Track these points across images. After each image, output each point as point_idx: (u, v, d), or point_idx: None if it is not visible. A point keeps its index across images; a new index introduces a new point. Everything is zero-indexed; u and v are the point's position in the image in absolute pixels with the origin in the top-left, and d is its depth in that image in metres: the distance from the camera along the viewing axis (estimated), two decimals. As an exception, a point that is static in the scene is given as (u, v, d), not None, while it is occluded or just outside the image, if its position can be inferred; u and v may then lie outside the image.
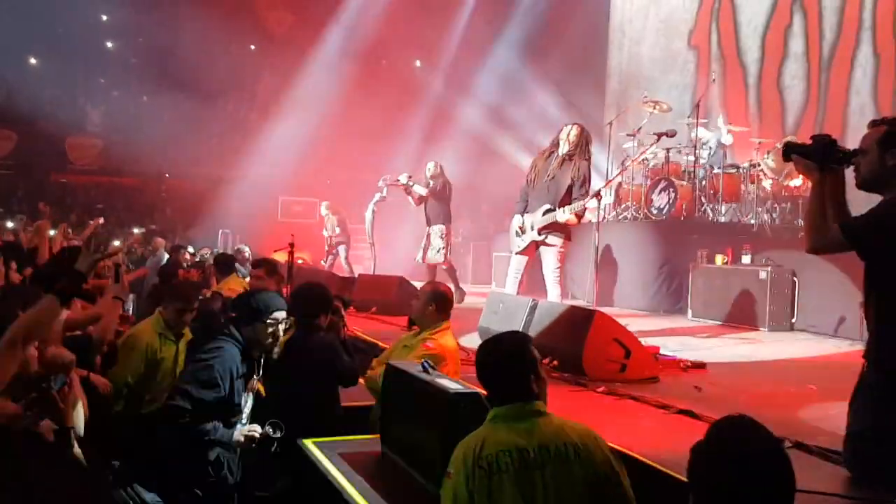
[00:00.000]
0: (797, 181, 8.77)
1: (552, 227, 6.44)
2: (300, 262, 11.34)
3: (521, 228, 6.65)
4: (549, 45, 14.59)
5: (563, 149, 6.56)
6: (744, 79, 10.82)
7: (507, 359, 2.53)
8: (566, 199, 6.41)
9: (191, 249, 10.77)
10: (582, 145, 6.55)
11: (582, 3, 14.44)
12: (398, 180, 9.73)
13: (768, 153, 8.73)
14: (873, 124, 2.69)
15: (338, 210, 12.88)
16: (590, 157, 6.65)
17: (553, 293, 6.57)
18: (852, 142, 8.66)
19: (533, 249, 6.61)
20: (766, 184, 8.75)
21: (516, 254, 6.76)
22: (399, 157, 13.72)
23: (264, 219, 14.64)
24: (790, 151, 2.79)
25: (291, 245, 6.91)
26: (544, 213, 6.42)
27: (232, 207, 14.41)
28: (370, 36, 16.12)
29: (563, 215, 6.32)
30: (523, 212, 6.66)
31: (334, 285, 8.49)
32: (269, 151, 15.77)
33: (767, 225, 8.49)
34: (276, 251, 8.29)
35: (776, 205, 8.64)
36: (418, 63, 17.95)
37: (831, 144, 2.72)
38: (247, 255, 9.86)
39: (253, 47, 19.11)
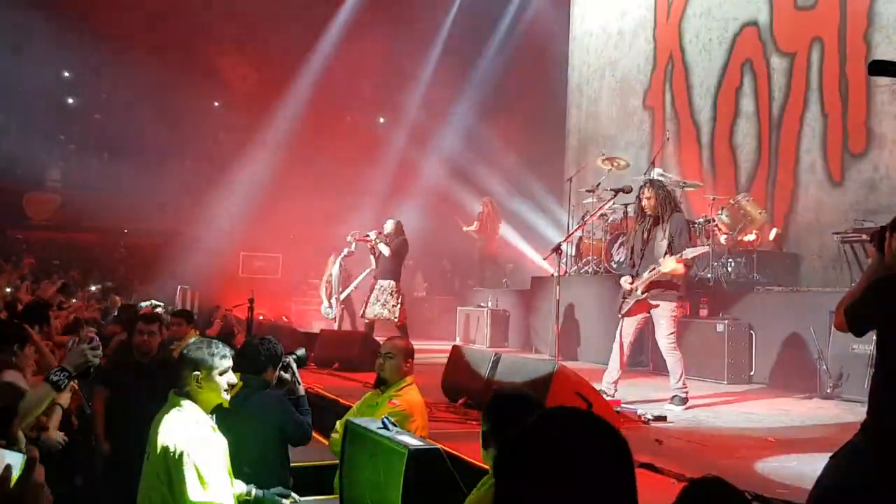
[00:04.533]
0: (751, 236, 8.98)
1: (659, 286, 6.07)
2: (260, 317, 11.20)
3: (627, 291, 6.26)
4: (509, 103, 14.91)
5: (649, 210, 6.30)
6: (697, 137, 11.14)
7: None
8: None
9: (149, 303, 10.36)
10: (664, 202, 6.27)
11: (541, 64, 14.83)
12: (367, 236, 9.78)
13: (722, 209, 8.95)
14: None
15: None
16: (679, 209, 6.43)
17: (670, 360, 6.13)
18: (803, 199, 8.87)
19: (638, 310, 6.19)
20: (722, 238, 8.95)
21: (622, 316, 6.34)
22: (362, 213, 13.76)
23: (225, 274, 14.48)
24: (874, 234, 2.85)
25: (251, 300, 6.84)
26: (649, 272, 6.09)
27: (192, 263, 14.25)
28: (334, 93, 16.31)
29: (669, 264, 5.96)
30: (633, 277, 6.29)
31: (296, 341, 8.40)
32: (231, 207, 15.70)
33: (724, 279, 8.65)
34: (235, 306, 8.20)
35: (731, 259, 8.82)
36: (382, 120, 18.17)
37: (888, 229, 2.74)
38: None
39: (217, 104, 19.19)
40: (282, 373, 3.94)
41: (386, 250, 9.33)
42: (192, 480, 2.92)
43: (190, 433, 3.01)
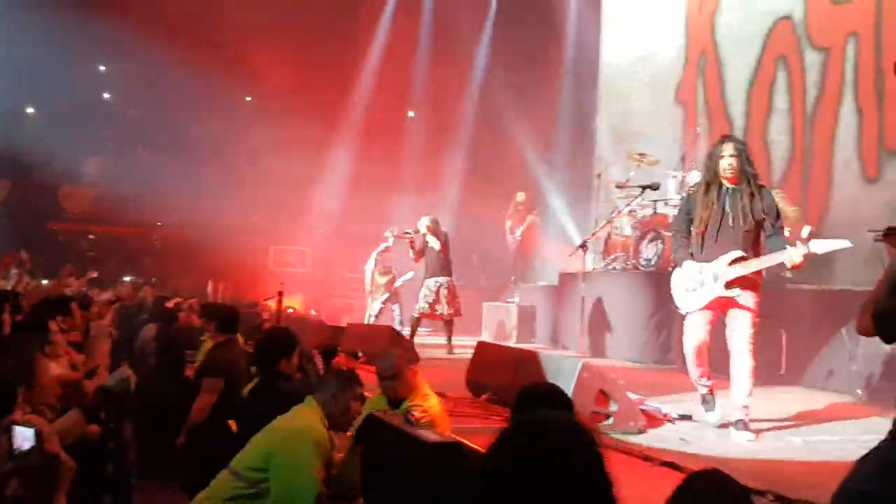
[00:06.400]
0: (784, 233, 8.85)
1: (744, 283, 4.89)
2: (290, 310, 11.31)
3: (698, 282, 5.02)
4: (538, 99, 14.84)
5: (730, 175, 4.94)
6: (730, 132, 10.98)
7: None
8: (758, 241, 5.03)
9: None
10: (750, 169, 5.00)
11: (570, 58, 14.74)
12: (406, 233, 9.86)
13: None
14: None
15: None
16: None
17: (746, 366, 4.95)
18: (837, 196, 8.65)
19: (715, 307, 5.02)
20: (754, 235, 8.82)
21: (692, 312, 5.10)
22: (391, 208, 13.83)
23: (255, 268, 14.66)
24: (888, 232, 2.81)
25: (280, 293, 6.92)
26: (732, 262, 4.87)
27: (223, 257, 14.44)
28: (365, 88, 16.38)
29: (796, 256, 4.72)
30: (688, 259, 5.11)
31: (324, 334, 8.50)
32: (261, 201, 15.89)
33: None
34: (265, 299, 8.31)
35: (764, 257, 8.69)
36: (411, 114, 18.21)
37: None
38: None
39: (249, 98, 19.38)
40: (308, 365, 3.97)
41: (436, 244, 9.38)
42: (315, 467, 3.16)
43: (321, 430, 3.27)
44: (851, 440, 4.61)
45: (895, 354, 5.96)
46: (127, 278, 14.86)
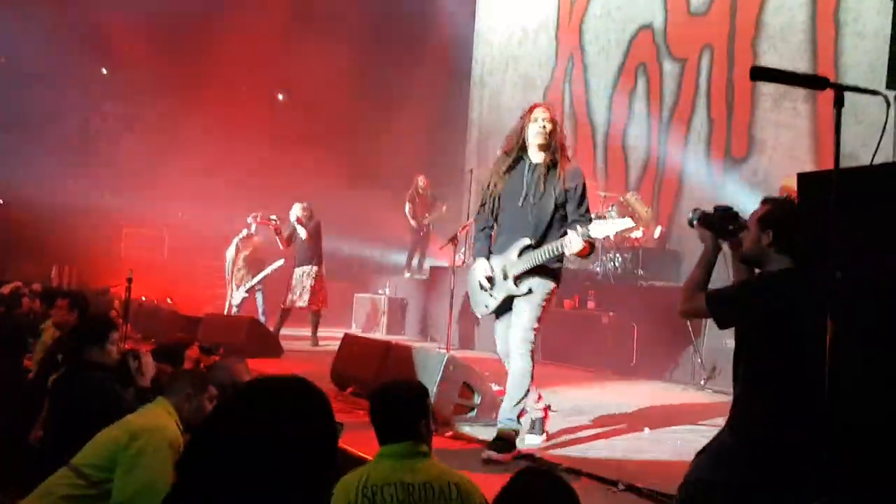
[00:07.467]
0: (638, 233, 9.29)
1: (536, 271, 4.16)
2: (143, 298, 10.71)
3: (489, 279, 4.27)
4: (412, 89, 14.81)
5: (537, 151, 4.20)
6: (592, 136, 11.43)
7: (402, 403, 2.57)
8: (554, 227, 4.22)
9: None
10: (561, 141, 4.24)
11: (445, 52, 14.82)
12: (270, 219, 9.58)
13: (613, 206, 9.16)
14: (762, 202, 2.77)
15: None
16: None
17: (519, 366, 4.17)
18: (687, 199, 9.15)
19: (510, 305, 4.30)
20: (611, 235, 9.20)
21: (490, 315, 4.41)
22: (261, 193, 13.38)
23: (105, 252, 13.79)
24: (694, 218, 2.88)
25: (129, 280, 6.43)
26: (521, 253, 4.16)
27: (70, 239, 13.47)
28: (230, 65, 15.74)
29: (576, 244, 4.03)
30: (488, 254, 4.34)
31: (177, 325, 8.11)
32: (114, 180, 14.93)
33: (611, 273, 8.93)
34: (113, 287, 7.80)
35: (619, 255, 9.11)
36: (280, 96, 17.71)
37: (729, 216, 2.81)
38: None
39: (105, 71, 18.17)
40: (130, 360, 3.70)
41: (303, 232, 9.21)
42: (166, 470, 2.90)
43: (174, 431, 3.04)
44: (694, 430, 4.90)
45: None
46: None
